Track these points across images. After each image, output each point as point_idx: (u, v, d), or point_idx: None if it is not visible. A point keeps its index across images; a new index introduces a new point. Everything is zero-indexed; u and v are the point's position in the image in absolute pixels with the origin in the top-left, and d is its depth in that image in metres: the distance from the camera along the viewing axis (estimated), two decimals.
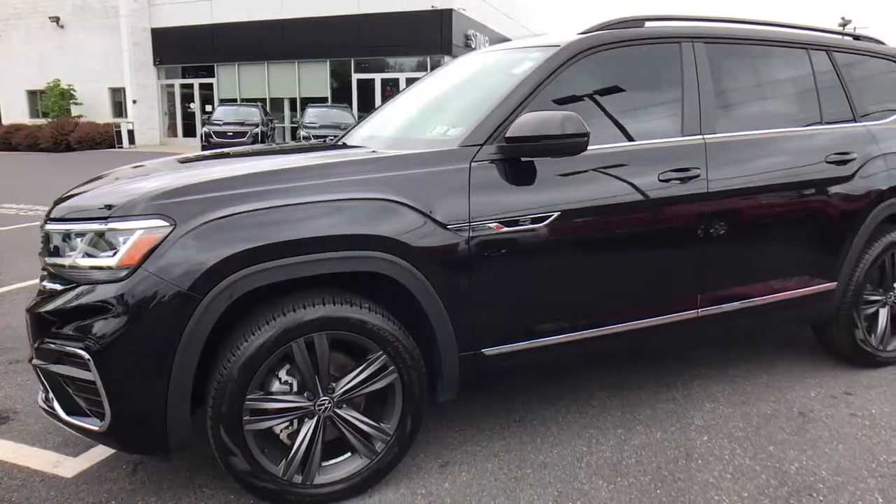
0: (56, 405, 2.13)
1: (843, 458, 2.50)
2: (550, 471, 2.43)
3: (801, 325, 3.30)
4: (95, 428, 2.03)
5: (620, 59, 2.68)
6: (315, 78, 23.13)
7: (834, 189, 2.97)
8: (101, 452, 2.57)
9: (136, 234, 1.94)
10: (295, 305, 2.06)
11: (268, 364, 2.05)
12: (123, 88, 24.84)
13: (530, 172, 2.38)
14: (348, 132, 3.44)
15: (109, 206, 2.02)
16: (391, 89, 22.95)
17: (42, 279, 2.24)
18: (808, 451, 2.55)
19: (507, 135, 2.30)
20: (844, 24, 49.63)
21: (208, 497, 2.28)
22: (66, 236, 2.09)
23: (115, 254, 1.96)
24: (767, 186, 2.81)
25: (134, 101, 24.57)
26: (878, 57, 3.40)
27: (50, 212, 2.27)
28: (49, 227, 2.16)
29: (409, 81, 22.51)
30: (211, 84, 24.57)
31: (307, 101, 22.42)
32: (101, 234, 2.00)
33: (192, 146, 22.63)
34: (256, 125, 18.88)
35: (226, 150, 3.13)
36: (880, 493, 2.27)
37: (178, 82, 25.48)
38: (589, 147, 2.33)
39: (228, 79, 24.19)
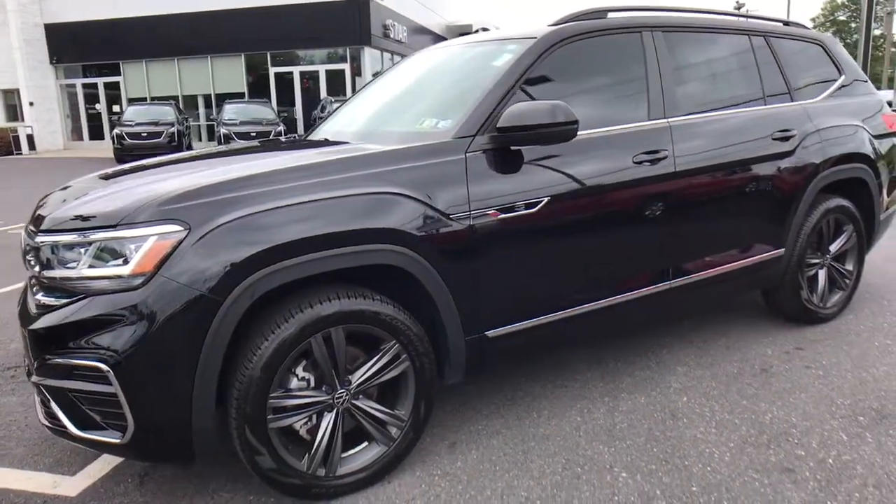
0: (65, 421, 2.06)
1: (807, 406, 2.78)
2: (553, 441, 2.58)
3: (753, 290, 3.59)
4: (116, 441, 2.00)
5: (591, 49, 2.83)
6: (230, 73, 22.38)
7: (780, 163, 3.25)
8: (100, 468, 2.50)
9: (149, 241, 1.91)
10: (311, 302, 2.09)
11: (288, 362, 2.07)
12: (18, 90, 23.16)
13: (519, 161, 2.50)
14: (318, 127, 3.44)
15: (117, 214, 1.97)
16: (308, 82, 22.52)
17: (33, 293, 2.16)
18: (776, 403, 2.81)
19: (499, 125, 2.40)
20: (739, 6, 52.63)
21: (227, 501, 2.27)
22: (66, 247, 2.03)
23: (127, 262, 1.93)
24: (725, 164, 3.05)
25: (31, 104, 22.96)
26: (804, 40, 3.72)
27: (38, 223, 2.19)
28: (43, 239, 2.08)
29: (329, 73, 22.20)
30: (117, 83, 23.27)
31: (223, 98, 21.66)
32: (109, 243, 1.95)
33: (101, 149, 21.44)
34: (172, 124, 18.04)
35: (179, 154, 3.03)
36: (843, 432, 2.55)
37: (79, 82, 23.99)
38: None
39: (136, 77, 23.00)
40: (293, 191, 2.10)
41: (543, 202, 2.48)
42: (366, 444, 2.32)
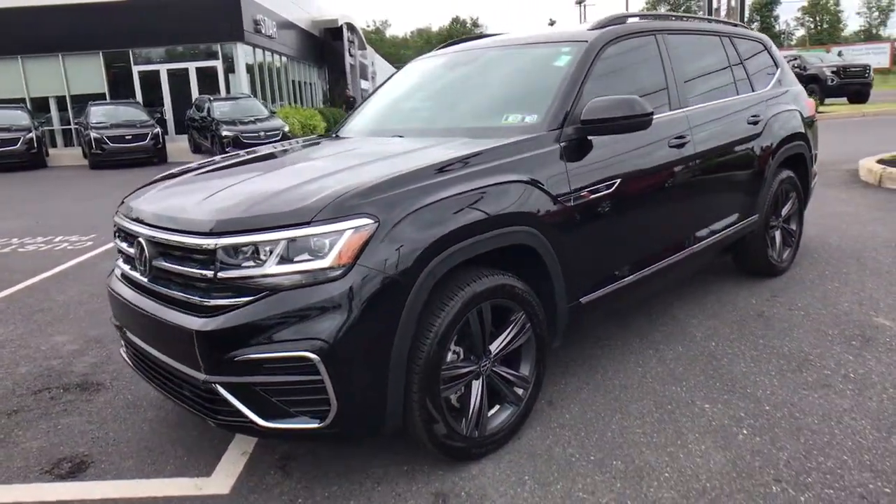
0: (251, 416, 2.13)
1: (809, 337, 3.42)
2: (633, 390, 2.99)
3: (737, 249, 4.20)
4: (314, 426, 2.11)
5: (625, 49, 3.26)
6: (86, 72, 20.58)
7: (755, 143, 3.90)
8: (233, 466, 2.55)
9: (345, 235, 2.05)
10: (467, 281, 2.33)
11: (453, 336, 2.30)
12: None
13: (590, 148, 2.86)
14: (345, 125, 3.61)
15: (307, 211, 2.08)
16: (171, 81, 21.17)
17: (201, 297, 2.18)
18: (786, 338, 3.43)
19: (583, 118, 2.74)
20: (580, 1, 56.28)
21: (381, 476, 2.44)
22: (250, 247, 2.09)
23: (323, 256, 2.05)
24: (724, 145, 3.63)
25: None
26: (751, 39, 4.41)
27: (193, 228, 2.21)
28: (221, 241, 2.11)
29: (200, 71, 21.14)
30: None
31: (79, 99, 19.96)
32: (302, 239, 2.06)
33: None
34: (28, 130, 16.38)
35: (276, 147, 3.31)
36: (848, 354, 3.20)
37: None
38: None
39: None
40: (446, 184, 2.31)
41: (617, 182, 2.88)
42: (498, 406, 2.59)
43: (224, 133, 15.85)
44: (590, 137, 2.84)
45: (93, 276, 5.59)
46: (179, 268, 2.25)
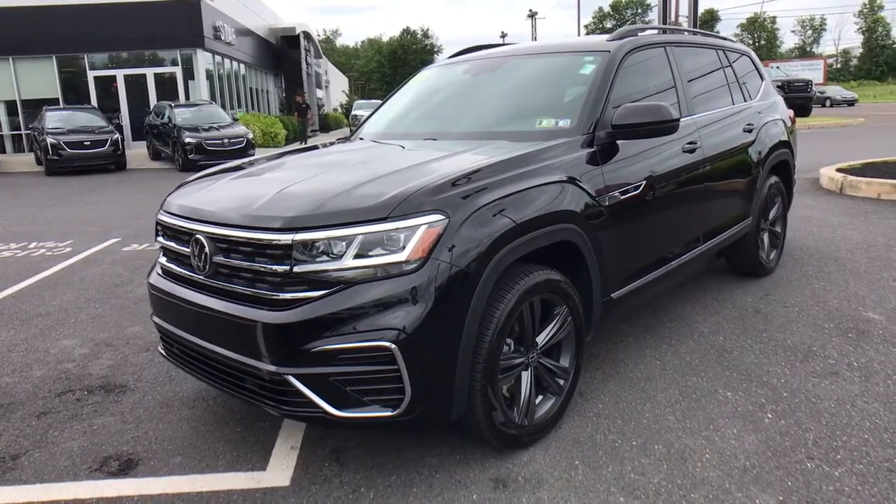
0: (325, 406, 2.18)
1: (808, 331, 3.66)
2: (656, 381, 3.15)
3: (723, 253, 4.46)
4: (387, 414, 2.18)
5: (640, 59, 3.44)
6: (38, 76, 19.88)
7: (751, 150, 4.16)
8: (285, 459, 2.59)
9: (420, 230, 2.14)
10: (521, 276, 2.44)
11: (509, 328, 2.41)
12: None
13: (618, 151, 3.03)
14: (361, 129, 3.69)
15: (383, 206, 2.15)
16: (115, 86, 20.45)
17: (273, 292, 2.22)
18: (786, 332, 3.66)
19: (614, 122, 2.91)
20: (532, 15, 57.41)
21: (437, 465, 2.52)
22: (326, 242, 2.15)
23: (398, 250, 2.14)
24: (726, 151, 3.86)
25: None
26: (738, 52, 4.69)
27: (266, 224, 2.24)
28: (300, 236, 2.15)
29: (158, 77, 20.70)
30: None
31: (31, 104, 19.27)
32: (379, 234, 2.14)
33: None
34: None
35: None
36: (847, 345, 3.45)
37: None
38: None
39: None
40: (504, 182, 2.43)
41: (643, 184, 3.05)
42: (541, 397, 2.70)
43: (187, 140, 15.57)
44: (619, 141, 3.01)
45: (83, 282, 5.47)
46: (248, 263, 2.29)
